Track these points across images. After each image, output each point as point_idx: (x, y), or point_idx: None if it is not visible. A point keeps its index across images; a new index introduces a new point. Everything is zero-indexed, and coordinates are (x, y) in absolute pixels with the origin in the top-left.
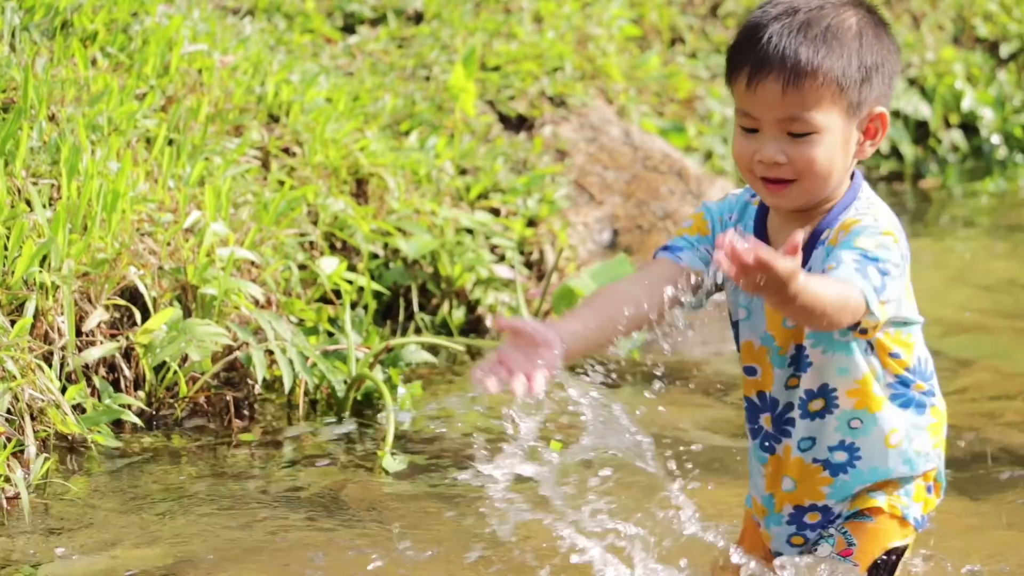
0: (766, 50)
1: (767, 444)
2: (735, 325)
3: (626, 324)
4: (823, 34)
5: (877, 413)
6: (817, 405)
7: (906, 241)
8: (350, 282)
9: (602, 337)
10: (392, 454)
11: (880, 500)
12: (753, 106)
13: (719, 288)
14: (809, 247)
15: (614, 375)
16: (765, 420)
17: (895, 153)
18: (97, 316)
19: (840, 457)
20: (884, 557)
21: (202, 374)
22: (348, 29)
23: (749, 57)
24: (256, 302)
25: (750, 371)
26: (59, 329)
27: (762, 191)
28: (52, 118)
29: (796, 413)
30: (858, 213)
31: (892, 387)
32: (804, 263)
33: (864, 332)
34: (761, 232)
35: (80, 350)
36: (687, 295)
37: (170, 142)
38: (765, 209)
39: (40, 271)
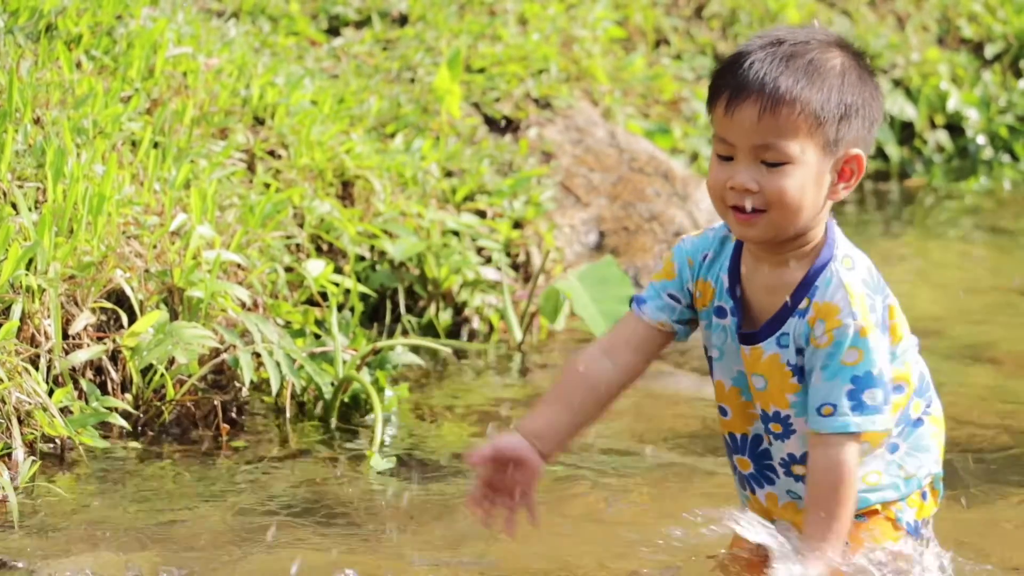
0: (746, 76)
1: (747, 484)
2: (709, 360)
3: (599, 411)
4: (806, 66)
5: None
6: (800, 470)
7: (881, 285)
8: (336, 284)
9: (580, 428)
10: (380, 455)
11: (874, 502)
12: (729, 131)
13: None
14: (786, 312)
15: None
16: (739, 462)
17: (881, 154)
18: (83, 319)
19: None
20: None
21: (189, 377)
22: (333, 31)
23: (729, 82)
24: (243, 305)
25: (722, 411)
26: (45, 332)
27: (731, 221)
28: (37, 121)
29: (779, 469)
30: (836, 292)
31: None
32: (779, 327)
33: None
34: (735, 273)
35: (67, 353)
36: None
37: (155, 145)
38: (740, 249)
39: (26, 274)
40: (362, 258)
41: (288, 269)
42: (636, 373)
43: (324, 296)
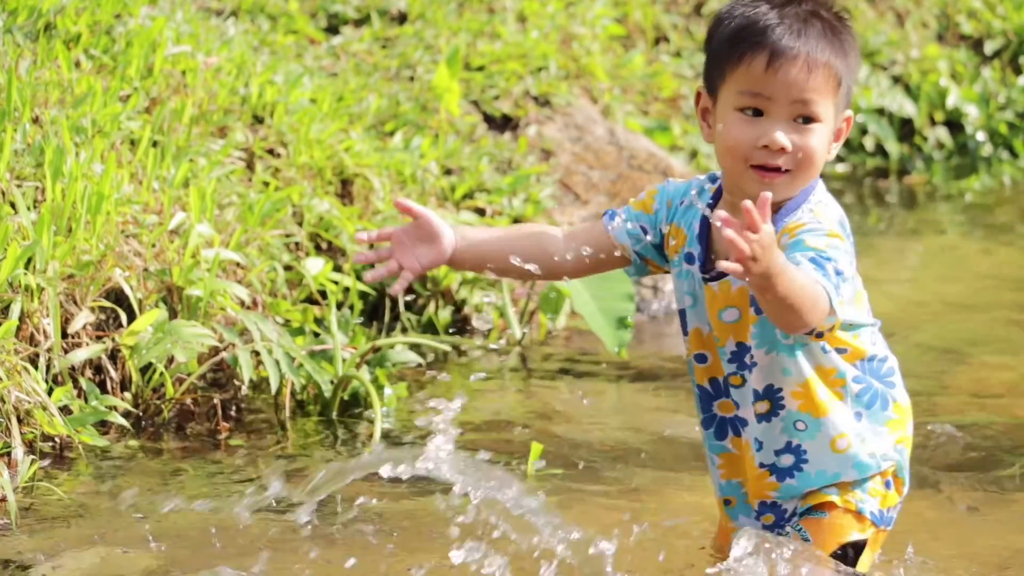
0: (788, 34)
1: (724, 431)
2: (682, 313)
3: (527, 261)
4: (830, 29)
5: (822, 418)
6: (763, 407)
7: (852, 242)
8: (336, 282)
9: (500, 261)
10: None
11: (833, 496)
12: (770, 87)
13: (664, 269)
14: None
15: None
16: (720, 406)
17: (880, 150)
18: (83, 318)
19: (786, 461)
20: (840, 551)
21: (188, 375)
22: (332, 30)
23: (766, 40)
24: (242, 303)
25: (700, 358)
26: (45, 331)
27: (750, 179)
28: (36, 120)
29: (747, 413)
30: (802, 216)
31: (852, 383)
32: None
33: (820, 335)
34: (706, 224)
35: (66, 352)
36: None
37: (154, 144)
38: (716, 199)
39: (25, 273)
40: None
41: (287, 267)
42: (575, 269)
43: (323, 294)
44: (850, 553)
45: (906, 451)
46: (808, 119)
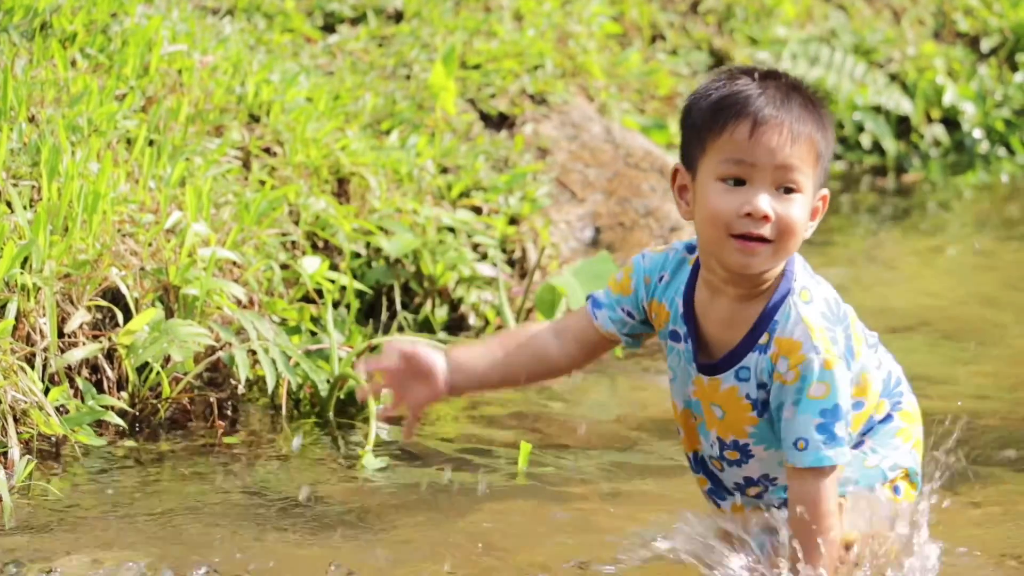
0: (770, 104)
1: (710, 498)
2: (669, 382)
3: (527, 376)
4: (809, 103)
5: None
6: (754, 491)
7: (841, 314)
8: (332, 281)
9: (499, 382)
10: (374, 453)
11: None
12: (753, 154)
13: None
14: (745, 347)
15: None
16: (699, 480)
17: (877, 148)
18: (79, 317)
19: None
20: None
21: (185, 375)
22: (328, 28)
23: (749, 109)
24: (238, 302)
25: (678, 430)
26: (41, 331)
27: (732, 250)
28: (32, 119)
29: (734, 492)
30: (795, 328)
31: (857, 436)
32: (738, 361)
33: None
34: (688, 302)
35: (62, 351)
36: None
37: (150, 143)
38: (696, 275)
39: (21, 273)
40: (358, 255)
41: (284, 266)
42: (574, 365)
43: (320, 293)
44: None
45: (918, 454)
46: (790, 189)
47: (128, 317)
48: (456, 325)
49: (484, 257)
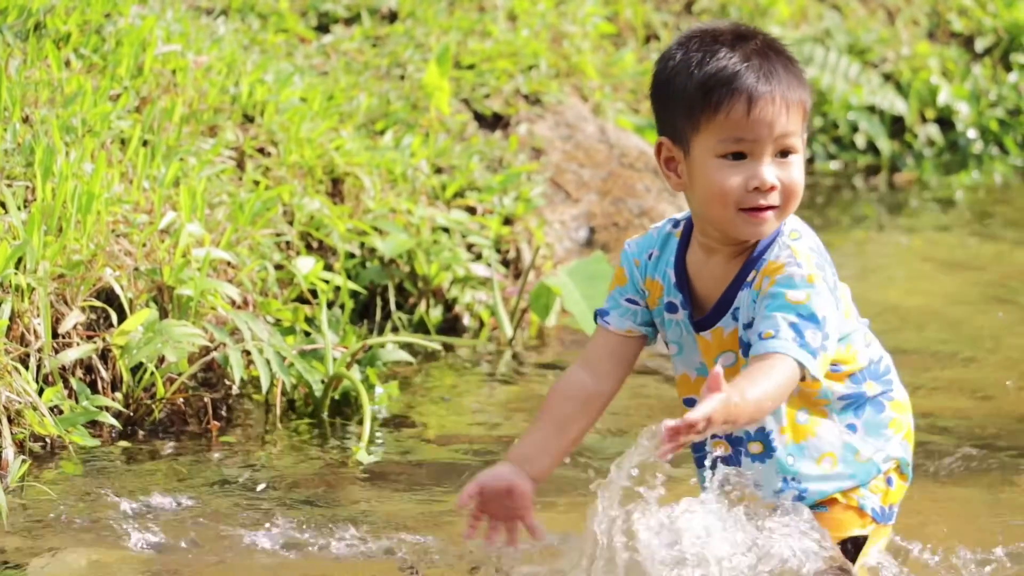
0: (760, 77)
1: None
2: (672, 357)
3: (587, 424)
4: (790, 63)
5: (803, 442)
6: (756, 448)
7: (828, 259)
8: (327, 282)
9: (569, 447)
10: (365, 451)
11: (832, 492)
12: (753, 130)
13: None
14: (735, 287)
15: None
16: (716, 445)
17: (872, 148)
18: (73, 318)
19: (789, 495)
20: (840, 546)
21: (179, 375)
22: (322, 28)
23: (741, 86)
24: (232, 302)
25: (689, 403)
26: (35, 331)
27: (742, 222)
28: (26, 120)
29: (741, 450)
30: (781, 252)
31: (837, 400)
32: (730, 304)
33: (802, 379)
34: (681, 266)
35: (56, 352)
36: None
37: (144, 143)
38: (685, 244)
39: (15, 273)
40: (352, 255)
41: (278, 267)
42: (617, 382)
43: (314, 293)
44: (850, 548)
45: (909, 445)
46: (787, 152)
47: (122, 317)
48: (450, 326)
49: (478, 257)
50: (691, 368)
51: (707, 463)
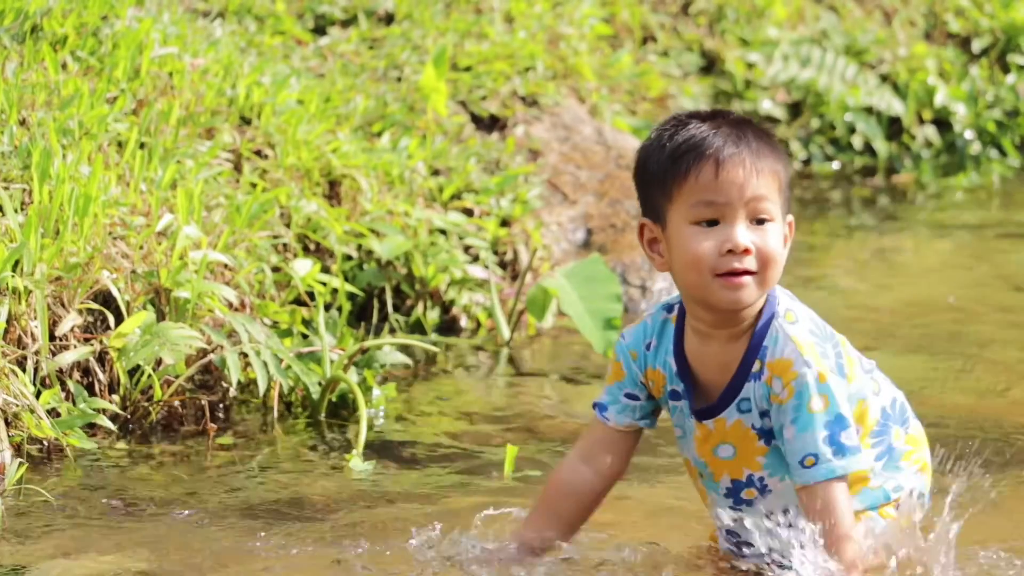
0: (728, 141)
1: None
2: (678, 440)
3: (588, 514)
4: (761, 134)
5: None
6: (778, 520)
7: (827, 332)
8: (324, 284)
9: (569, 535)
10: (362, 457)
11: None
12: (722, 191)
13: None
14: (740, 377)
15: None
16: (716, 517)
17: (869, 149)
18: (70, 320)
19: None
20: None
21: (176, 377)
22: (319, 31)
23: (709, 150)
24: (230, 305)
25: (694, 482)
26: (32, 334)
27: (719, 288)
28: (23, 123)
29: (757, 533)
30: (784, 346)
31: (876, 461)
32: (736, 394)
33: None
34: (680, 354)
35: (54, 354)
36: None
37: (141, 145)
38: (682, 330)
39: (12, 276)
40: (349, 257)
41: (275, 269)
42: (617, 474)
43: (311, 296)
44: None
45: (925, 476)
46: (762, 220)
47: (119, 320)
48: (448, 327)
49: (476, 259)
50: (693, 457)
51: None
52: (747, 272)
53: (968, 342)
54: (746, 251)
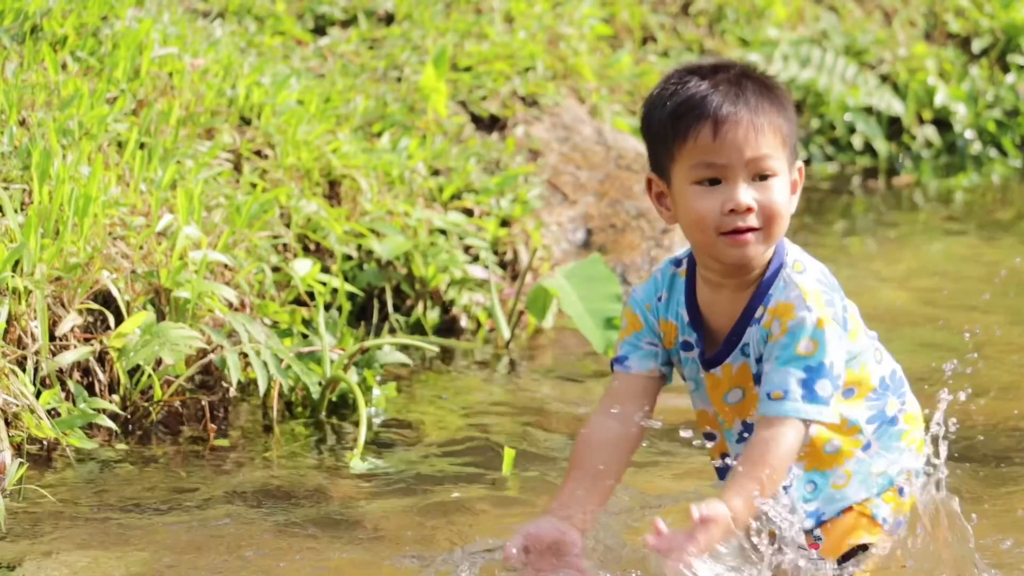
0: (726, 100)
1: None
2: (690, 393)
3: (623, 467)
4: (762, 88)
5: (828, 471)
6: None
7: (835, 285)
8: (324, 284)
9: (607, 490)
10: (362, 457)
11: (844, 505)
12: (722, 154)
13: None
14: (743, 323)
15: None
16: (711, 452)
17: (869, 149)
18: (70, 320)
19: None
20: (848, 552)
21: (176, 377)
22: (319, 31)
23: (707, 110)
24: (230, 305)
25: (709, 436)
26: (32, 334)
27: (724, 247)
28: (23, 123)
29: None
30: (789, 291)
31: (867, 424)
32: (739, 340)
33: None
34: (692, 305)
35: (54, 354)
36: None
37: (141, 146)
38: (693, 281)
39: (13, 276)
40: (349, 257)
41: (275, 269)
42: (644, 422)
43: (311, 296)
44: (858, 553)
45: (921, 456)
46: (764, 176)
47: (119, 320)
48: (448, 327)
49: (476, 259)
50: (707, 405)
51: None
52: (750, 229)
53: (968, 340)
54: (748, 209)
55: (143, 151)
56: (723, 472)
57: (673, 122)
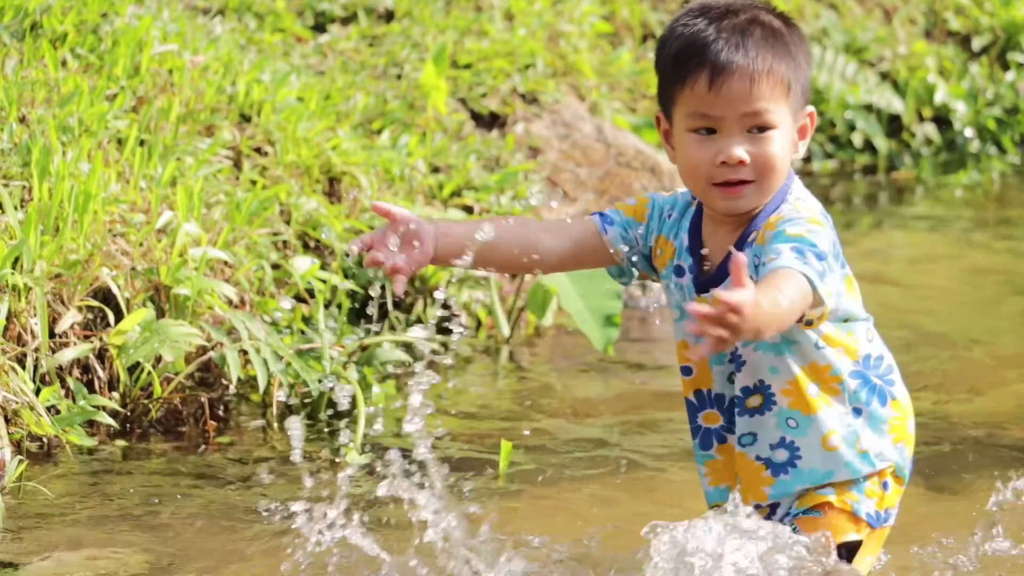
0: (726, 49)
1: (709, 441)
2: (674, 323)
3: (511, 259)
4: (768, 36)
5: (812, 415)
6: (755, 401)
7: (834, 232)
8: (324, 281)
9: (485, 259)
10: (358, 452)
11: (830, 496)
12: (716, 106)
13: (652, 278)
14: (739, 247)
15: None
16: (704, 418)
17: (869, 147)
18: (70, 317)
19: (781, 456)
20: (838, 553)
21: (176, 375)
22: (319, 28)
23: (705, 58)
24: (229, 302)
25: (686, 371)
26: (32, 331)
27: (716, 197)
28: (22, 120)
29: (736, 409)
30: (783, 209)
31: (849, 378)
32: None
33: (809, 323)
34: (696, 236)
35: (53, 352)
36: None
37: (141, 143)
38: (700, 214)
39: (12, 273)
40: (349, 254)
41: (275, 266)
42: (560, 264)
43: (311, 293)
44: (843, 553)
45: (907, 450)
46: (762, 128)
47: (119, 317)
48: (447, 325)
49: None
50: (690, 336)
51: (697, 441)
52: (743, 182)
53: (968, 337)
54: (741, 163)
55: (143, 148)
56: (690, 410)
57: (674, 66)
